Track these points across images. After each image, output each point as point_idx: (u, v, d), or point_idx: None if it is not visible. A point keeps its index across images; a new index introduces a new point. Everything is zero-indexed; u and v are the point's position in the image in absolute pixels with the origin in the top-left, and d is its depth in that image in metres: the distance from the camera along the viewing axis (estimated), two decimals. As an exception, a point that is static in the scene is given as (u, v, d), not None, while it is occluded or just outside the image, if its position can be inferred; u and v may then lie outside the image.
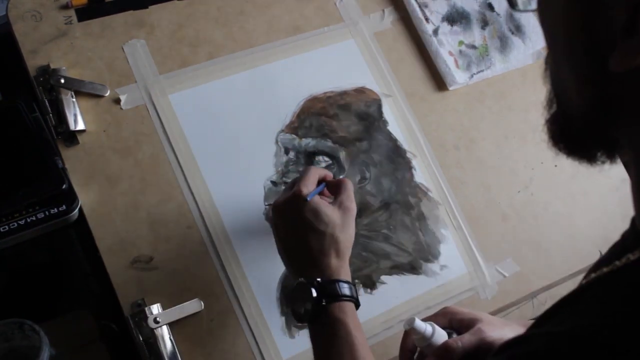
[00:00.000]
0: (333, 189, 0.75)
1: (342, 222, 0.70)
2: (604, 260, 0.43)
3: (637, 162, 0.41)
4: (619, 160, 0.44)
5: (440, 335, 0.65)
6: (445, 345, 0.64)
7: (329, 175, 0.76)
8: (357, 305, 0.68)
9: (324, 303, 0.65)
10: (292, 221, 0.70)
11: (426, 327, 0.65)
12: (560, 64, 0.43)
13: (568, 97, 0.44)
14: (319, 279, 0.66)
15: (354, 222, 0.72)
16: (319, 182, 0.75)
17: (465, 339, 0.65)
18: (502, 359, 0.41)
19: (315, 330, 0.67)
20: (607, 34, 0.36)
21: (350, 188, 0.74)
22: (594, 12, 0.37)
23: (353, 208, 0.72)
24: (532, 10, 0.44)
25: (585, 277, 0.44)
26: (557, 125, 0.46)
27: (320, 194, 0.74)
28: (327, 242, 0.68)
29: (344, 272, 0.69)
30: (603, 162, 0.45)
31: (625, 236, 0.45)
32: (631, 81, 0.37)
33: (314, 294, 0.65)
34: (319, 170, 0.75)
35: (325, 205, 0.70)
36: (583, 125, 0.44)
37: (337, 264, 0.68)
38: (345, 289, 0.67)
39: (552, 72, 0.45)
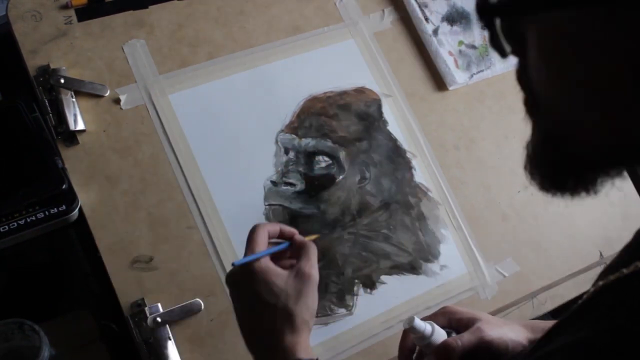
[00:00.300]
0: (294, 250, 0.66)
1: (296, 293, 0.61)
2: (612, 267, 0.42)
3: None
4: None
5: (440, 335, 0.65)
6: (444, 344, 0.64)
7: (287, 230, 0.66)
8: None
9: None
10: (242, 294, 0.62)
11: (425, 326, 0.65)
12: (574, 106, 0.40)
13: (576, 129, 0.41)
14: None
15: (315, 290, 0.63)
16: (282, 238, 0.66)
17: (465, 338, 0.65)
18: None
19: None
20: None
21: (313, 253, 0.65)
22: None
23: (314, 275, 0.63)
24: None
25: (594, 285, 0.43)
26: (549, 167, 0.44)
27: (280, 254, 0.65)
28: (278, 317, 0.60)
29: (302, 348, 0.60)
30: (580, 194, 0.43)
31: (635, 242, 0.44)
32: None
33: None
34: (266, 226, 0.64)
35: (276, 275, 0.61)
36: (596, 160, 0.42)
37: (291, 340, 0.60)
38: None
39: (552, 106, 0.41)
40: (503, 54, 0.40)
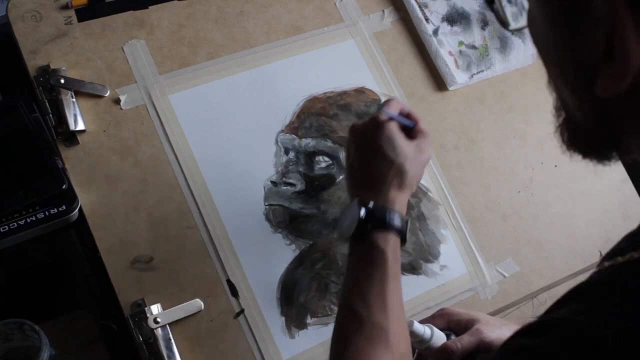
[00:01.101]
0: (414, 134, 0.72)
1: (414, 157, 0.68)
2: (619, 250, 0.43)
3: None
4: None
5: (439, 337, 0.65)
6: (444, 347, 0.64)
7: (414, 114, 0.73)
8: (404, 240, 0.67)
9: (369, 227, 0.64)
10: (365, 143, 0.69)
11: (424, 330, 0.65)
12: (556, 82, 0.44)
13: (571, 109, 0.45)
14: (372, 203, 0.65)
15: (425, 165, 0.71)
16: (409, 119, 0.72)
17: (464, 340, 0.65)
18: (511, 348, 0.41)
19: (353, 252, 0.66)
20: (591, 60, 0.36)
21: (430, 138, 0.72)
22: (576, 39, 0.37)
23: (429, 152, 0.71)
24: (524, 27, 0.45)
25: (598, 265, 0.44)
26: (568, 131, 0.46)
27: (403, 127, 0.71)
28: (392, 171, 0.67)
29: (400, 204, 0.67)
30: (616, 160, 0.45)
31: None
32: (624, 105, 0.37)
33: (362, 214, 0.64)
34: (403, 104, 0.72)
35: (400, 137, 0.69)
36: (591, 132, 0.44)
37: (395, 194, 0.67)
38: (395, 220, 0.65)
39: (553, 86, 0.46)
40: None
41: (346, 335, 0.60)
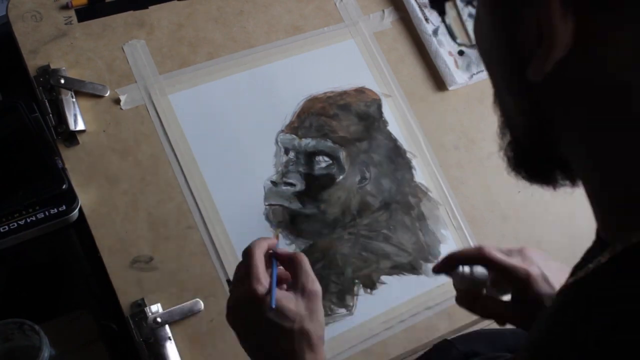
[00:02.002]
0: (287, 264, 0.65)
1: (309, 312, 0.61)
2: (579, 265, 0.44)
3: (592, 167, 0.41)
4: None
5: (480, 271, 0.65)
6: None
7: (273, 243, 0.66)
8: None
9: None
10: (252, 325, 0.61)
11: (464, 269, 0.65)
12: (499, 86, 0.45)
13: (513, 119, 0.46)
14: None
15: (321, 304, 0.63)
16: (268, 258, 0.64)
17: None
18: None
19: None
20: (527, 48, 0.38)
21: (307, 265, 0.64)
22: (513, 29, 0.39)
23: (317, 289, 0.62)
24: (474, 45, 0.46)
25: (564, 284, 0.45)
26: (512, 152, 0.47)
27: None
28: (296, 340, 0.60)
29: None
30: (564, 185, 0.46)
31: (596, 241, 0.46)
32: (556, 89, 0.39)
33: None
34: (261, 246, 0.64)
35: (287, 300, 0.61)
36: (533, 147, 0.45)
37: (312, 358, 0.61)
38: None
39: (497, 97, 0.47)
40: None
41: None
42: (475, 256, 0.66)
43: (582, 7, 0.34)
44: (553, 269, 0.67)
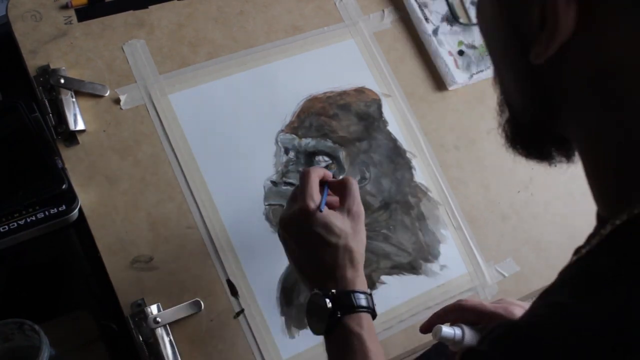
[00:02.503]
0: (336, 189, 0.72)
1: (353, 231, 0.67)
2: (582, 246, 0.46)
3: (591, 146, 0.42)
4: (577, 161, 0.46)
5: (472, 334, 0.65)
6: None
7: (328, 174, 0.73)
8: (374, 315, 0.66)
9: (339, 315, 0.63)
10: (302, 237, 0.68)
11: (455, 331, 0.65)
12: (499, 66, 0.46)
13: (513, 98, 0.47)
14: (333, 290, 0.65)
15: (364, 225, 0.70)
16: (321, 184, 0.71)
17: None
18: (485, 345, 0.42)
19: (330, 342, 0.65)
20: (530, 32, 0.39)
21: (355, 189, 0.71)
22: (518, 14, 0.40)
23: (362, 212, 0.70)
24: (475, 24, 0.47)
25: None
26: (510, 128, 0.49)
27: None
28: (340, 254, 0.66)
29: (360, 282, 0.67)
30: (560, 162, 0.47)
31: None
32: (557, 71, 0.40)
33: (329, 305, 0.64)
34: (317, 171, 0.71)
35: (334, 217, 0.67)
36: (531, 124, 0.46)
37: (352, 274, 0.66)
38: (361, 300, 0.65)
39: (496, 76, 0.47)
40: None
41: None
42: (455, 309, 0.69)
43: None
44: None
